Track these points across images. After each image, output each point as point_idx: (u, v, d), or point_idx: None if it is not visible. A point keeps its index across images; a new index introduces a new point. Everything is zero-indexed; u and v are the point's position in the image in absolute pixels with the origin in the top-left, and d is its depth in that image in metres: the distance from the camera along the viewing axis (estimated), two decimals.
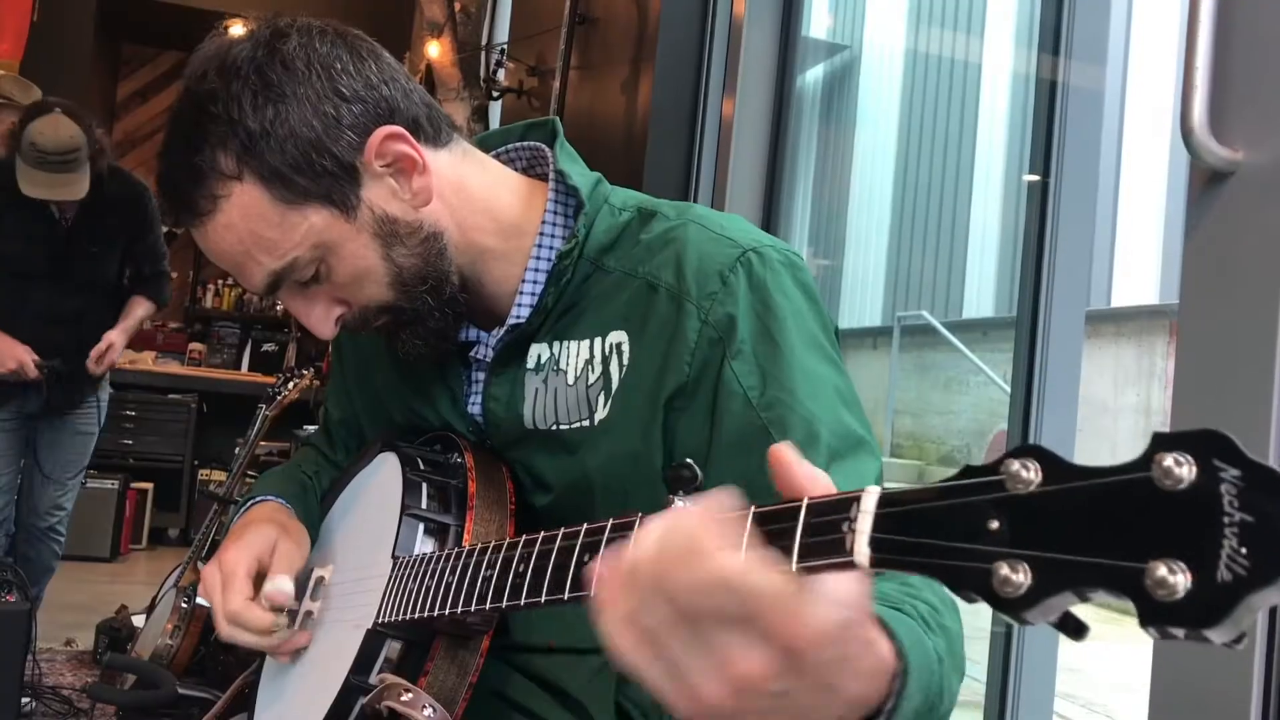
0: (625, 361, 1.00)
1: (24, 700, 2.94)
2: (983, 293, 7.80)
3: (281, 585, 1.04)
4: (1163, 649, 1.11)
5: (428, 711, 0.92)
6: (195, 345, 6.95)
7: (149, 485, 5.91)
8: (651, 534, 0.56)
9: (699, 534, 0.54)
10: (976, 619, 0.93)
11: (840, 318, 8.00)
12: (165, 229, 3.75)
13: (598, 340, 1.02)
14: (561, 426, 1.03)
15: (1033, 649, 1.85)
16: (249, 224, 0.96)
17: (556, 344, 1.04)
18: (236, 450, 3.65)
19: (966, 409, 7.04)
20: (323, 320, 1.03)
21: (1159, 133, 7.12)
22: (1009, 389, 2.05)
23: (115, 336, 3.50)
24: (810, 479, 0.57)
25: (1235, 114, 1.04)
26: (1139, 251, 7.44)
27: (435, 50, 4.36)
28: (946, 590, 0.50)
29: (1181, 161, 1.07)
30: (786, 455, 0.58)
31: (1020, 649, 1.85)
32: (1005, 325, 6.76)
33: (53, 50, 5.51)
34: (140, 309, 3.61)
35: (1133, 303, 6.95)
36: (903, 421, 7.58)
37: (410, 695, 0.93)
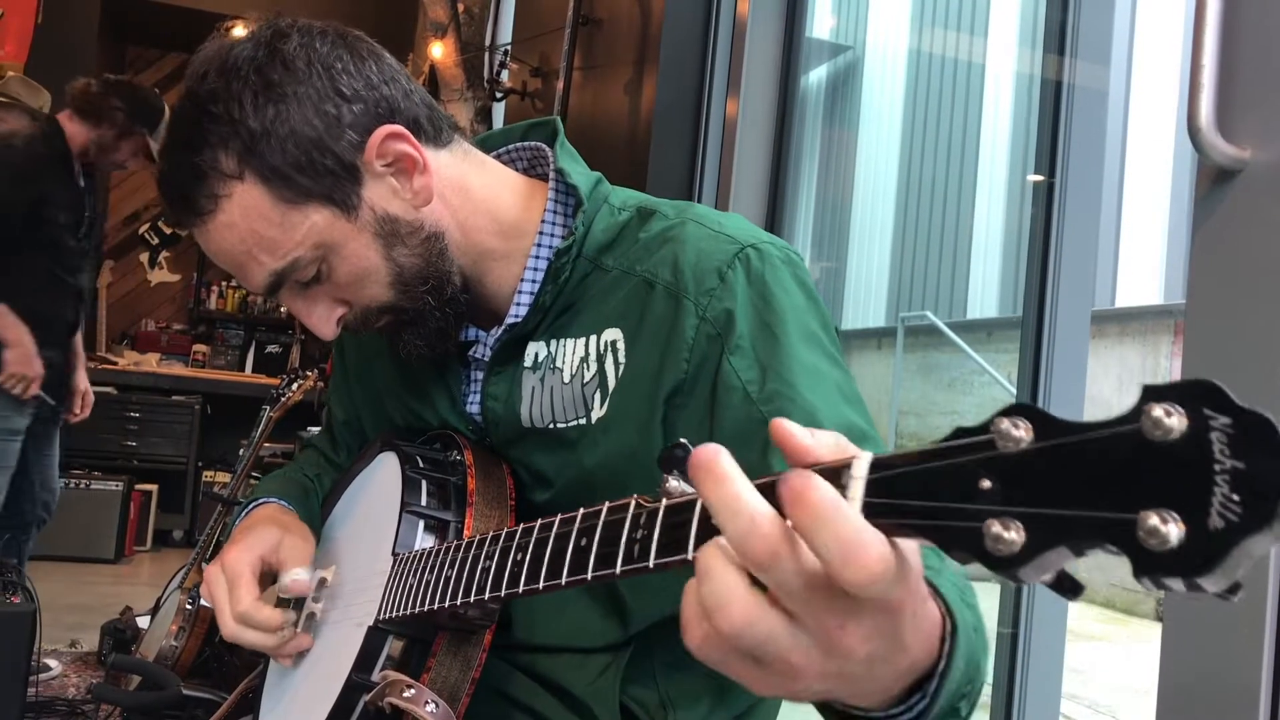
0: (621, 359, 1.00)
1: (30, 692, 2.94)
2: (986, 293, 7.79)
3: (298, 575, 1.05)
4: (1171, 645, 1.10)
5: (430, 707, 0.92)
6: (199, 347, 6.96)
7: (153, 487, 5.92)
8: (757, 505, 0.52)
9: (827, 500, 0.49)
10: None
11: (844, 318, 8.02)
12: (170, 231, 3.79)
13: (592, 338, 1.02)
14: (558, 425, 1.03)
15: (1039, 649, 1.85)
16: (250, 223, 0.96)
17: (553, 342, 1.04)
18: (240, 452, 3.65)
19: (970, 409, 7.03)
20: (324, 320, 1.03)
21: (1163, 133, 7.11)
22: (1013, 389, 2.04)
23: (85, 384, 3.55)
24: (815, 445, 0.55)
25: (1242, 111, 1.03)
26: (1143, 252, 7.43)
27: (439, 51, 4.37)
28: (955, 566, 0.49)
29: (1186, 161, 1.07)
30: (785, 429, 0.56)
31: (1027, 649, 1.84)
32: (1009, 325, 6.76)
33: (57, 52, 5.52)
34: (81, 345, 3.60)
35: (1137, 303, 6.94)
36: (907, 422, 7.57)
37: (413, 691, 0.93)
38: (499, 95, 4.13)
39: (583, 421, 1.01)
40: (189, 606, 3.02)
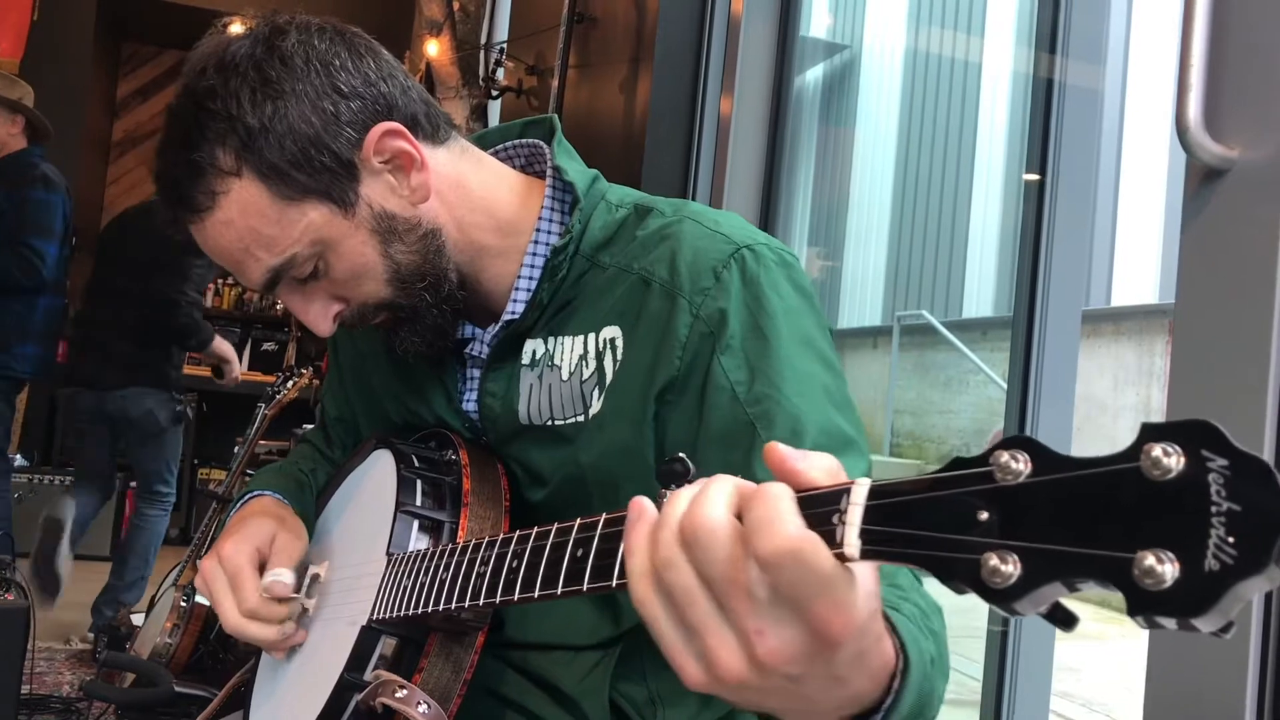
0: (619, 357, 1.00)
1: (24, 689, 2.94)
2: (982, 292, 7.80)
3: (281, 576, 1.05)
4: (1158, 648, 1.11)
5: (422, 708, 0.92)
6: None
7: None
8: (719, 496, 0.57)
9: (769, 506, 0.54)
10: (973, 618, 0.93)
11: (840, 317, 8.02)
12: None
13: (591, 336, 1.02)
14: (556, 422, 1.03)
15: (1029, 647, 1.85)
16: (248, 220, 0.96)
17: (551, 339, 1.05)
18: (236, 449, 3.65)
19: (966, 408, 7.04)
20: (321, 317, 1.04)
21: (1159, 132, 7.11)
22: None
23: None
24: (807, 469, 0.57)
25: (1230, 111, 1.04)
26: (1139, 251, 7.43)
27: (434, 49, 4.36)
28: (931, 594, 0.50)
29: (1182, 161, 1.07)
30: (779, 452, 0.57)
31: (1016, 648, 1.85)
32: (1005, 325, 6.76)
33: (53, 49, 5.52)
34: None
35: (1132, 302, 6.95)
36: (902, 421, 7.58)
37: (405, 692, 0.93)
38: (495, 93, 4.13)
39: (580, 418, 1.02)
40: (183, 604, 3.02)
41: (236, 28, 1.03)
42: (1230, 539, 0.40)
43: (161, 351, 3.91)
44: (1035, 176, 1.87)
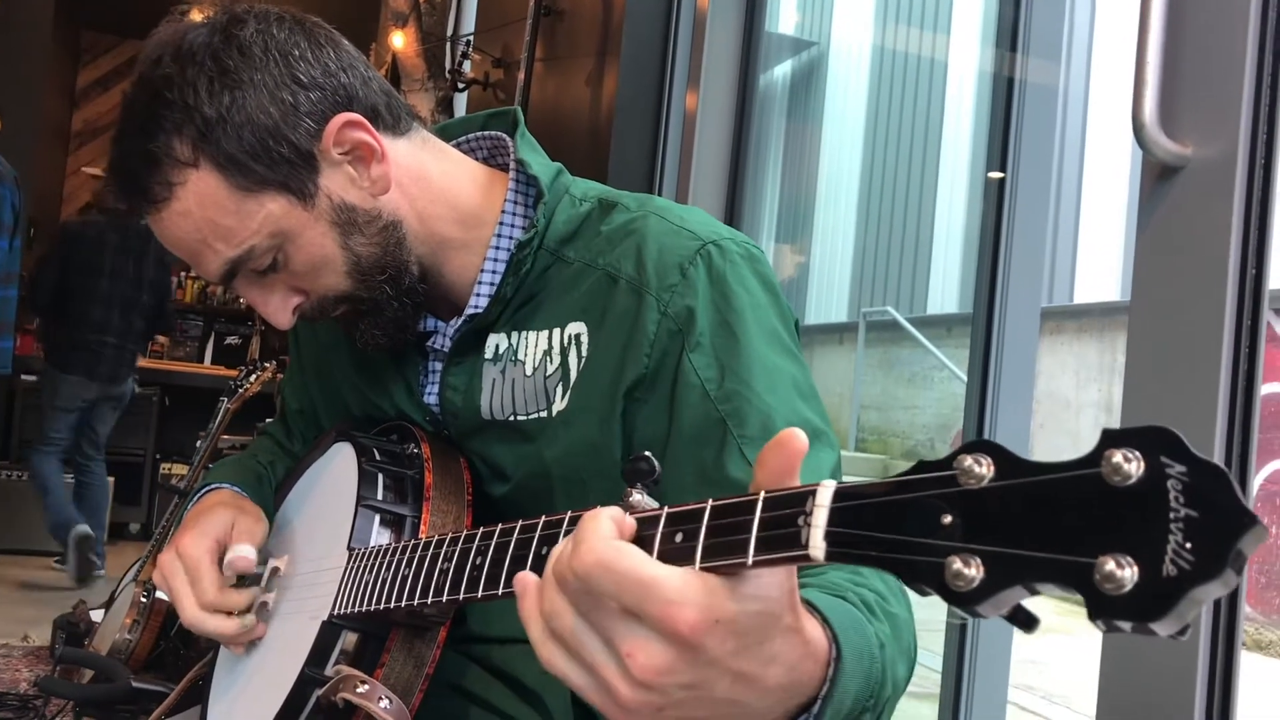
0: (584, 353, 1.00)
1: None
2: (947, 289, 7.85)
3: (243, 551, 1.04)
4: (1111, 642, 1.12)
5: (384, 703, 0.92)
6: (158, 338, 6.87)
7: (110, 479, 5.83)
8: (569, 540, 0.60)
9: (583, 527, 0.58)
10: (932, 611, 0.93)
11: (807, 314, 8.04)
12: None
13: (556, 331, 1.02)
14: (519, 417, 1.03)
15: (987, 641, 1.87)
16: (205, 211, 0.95)
17: (515, 334, 1.04)
18: (198, 443, 3.61)
19: (931, 404, 7.09)
20: (280, 309, 1.03)
21: (1122, 131, 7.17)
22: None
23: None
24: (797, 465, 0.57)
25: (1185, 108, 1.05)
26: (1102, 248, 7.51)
27: (400, 41, 4.34)
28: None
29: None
30: (793, 442, 0.57)
31: (975, 641, 1.87)
32: (969, 321, 6.81)
33: (12, 39, 5.44)
34: None
35: (1095, 299, 7.02)
36: (868, 416, 7.63)
37: (366, 687, 0.92)
38: (461, 86, 4.11)
39: (543, 414, 1.01)
40: (143, 599, 2.99)
41: (195, 16, 1.01)
42: (1188, 545, 0.41)
43: (145, 344, 4.91)
44: (997, 174, 1.89)
